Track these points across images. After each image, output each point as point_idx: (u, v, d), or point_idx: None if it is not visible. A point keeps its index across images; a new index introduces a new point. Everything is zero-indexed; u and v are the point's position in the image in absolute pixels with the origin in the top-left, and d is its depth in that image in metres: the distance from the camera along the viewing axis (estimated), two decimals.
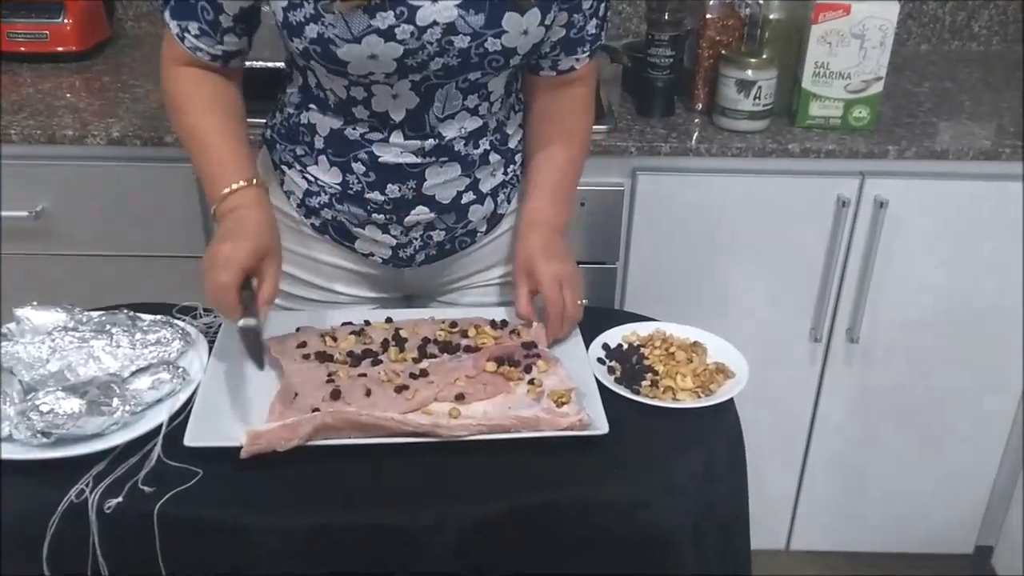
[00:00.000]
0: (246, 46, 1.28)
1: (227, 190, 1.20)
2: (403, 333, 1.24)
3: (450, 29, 1.14)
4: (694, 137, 1.77)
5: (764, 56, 1.74)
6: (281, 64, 1.33)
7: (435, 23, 1.13)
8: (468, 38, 1.15)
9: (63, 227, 1.79)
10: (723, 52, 1.78)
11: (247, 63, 1.75)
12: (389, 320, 1.29)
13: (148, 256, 1.82)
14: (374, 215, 1.29)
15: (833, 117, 1.78)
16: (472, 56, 1.17)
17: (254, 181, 1.22)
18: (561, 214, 1.34)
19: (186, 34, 1.22)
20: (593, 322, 1.29)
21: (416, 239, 1.32)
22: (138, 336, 1.16)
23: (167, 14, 1.23)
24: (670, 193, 1.77)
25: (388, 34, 1.12)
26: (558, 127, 1.34)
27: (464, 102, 1.24)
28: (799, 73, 1.77)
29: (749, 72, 1.73)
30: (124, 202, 1.77)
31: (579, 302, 1.26)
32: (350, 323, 1.27)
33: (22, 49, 2.04)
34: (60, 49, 2.06)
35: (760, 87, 1.73)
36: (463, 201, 1.31)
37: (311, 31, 1.13)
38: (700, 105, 1.87)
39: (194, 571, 1.00)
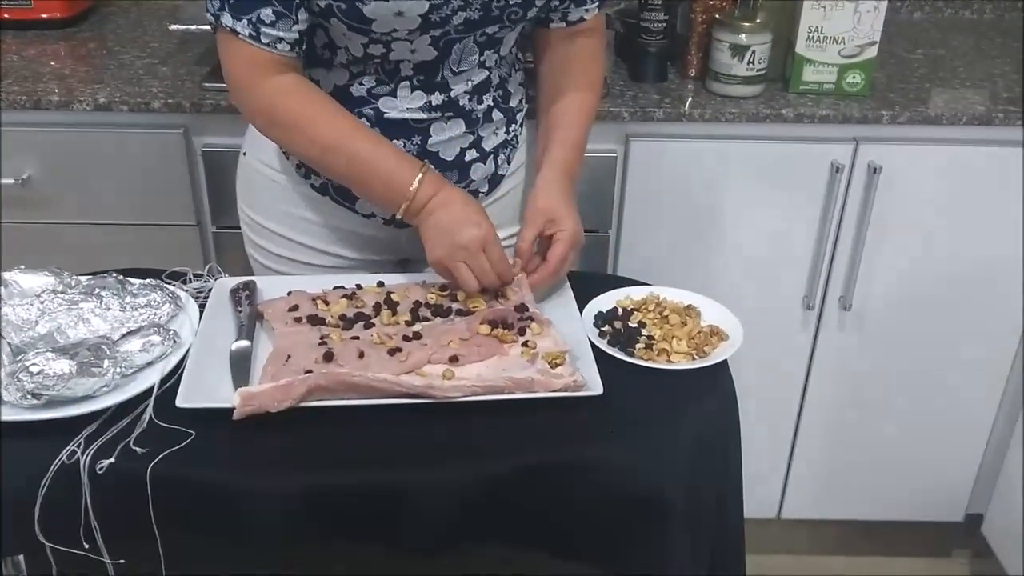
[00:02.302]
0: (307, 25, 1.19)
1: (413, 186, 1.18)
2: (395, 297, 1.24)
3: None
4: (687, 103, 1.75)
5: (758, 20, 1.72)
6: None
7: None
8: None
9: (49, 194, 1.77)
10: (717, 16, 1.77)
11: None
12: (381, 284, 1.28)
13: (135, 224, 1.80)
14: None
15: (827, 82, 1.77)
16: (493, 9, 1.18)
17: (423, 165, 1.20)
18: (578, 163, 1.33)
19: (261, 28, 1.13)
20: (586, 287, 1.28)
21: None
22: (128, 299, 1.15)
23: (227, 19, 1.14)
24: (663, 159, 1.76)
25: None
26: (572, 78, 1.33)
27: (480, 56, 1.24)
28: (793, 38, 1.75)
29: (743, 36, 1.72)
30: (111, 169, 1.75)
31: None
32: (342, 287, 1.26)
33: (6, 16, 2.00)
34: (44, 16, 2.03)
35: (754, 52, 1.72)
36: (466, 159, 1.31)
37: None
38: (694, 71, 1.85)
39: (187, 531, 0.99)
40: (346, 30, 1.16)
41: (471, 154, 1.31)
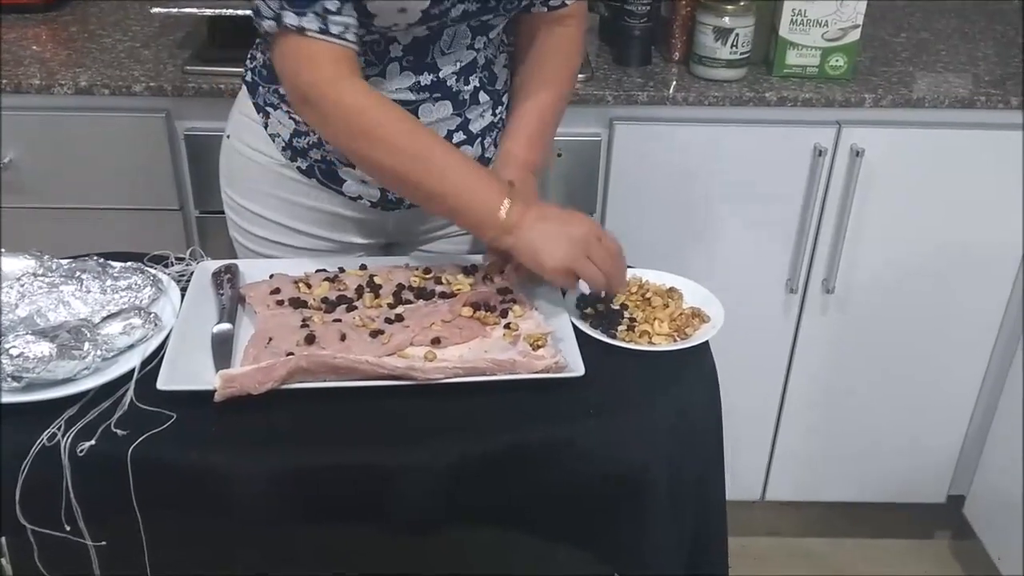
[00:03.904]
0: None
1: (507, 204, 1.14)
2: (377, 280, 1.23)
3: None
4: (671, 86, 1.75)
5: (742, 3, 1.72)
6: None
7: None
8: None
9: (31, 178, 1.76)
10: None
11: (218, 10, 1.74)
12: (363, 267, 1.28)
13: (118, 208, 1.79)
14: None
15: (810, 66, 1.77)
16: (491, 1, 1.19)
17: (507, 187, 1.18)
18: (536, 155, 1.33)
19: (328, 17, 1.08)
20: None
21: None
22: (108, 282, 1.15)
23: (290, 17, 1.07)
24: (647, 143, 1.76)
25: None
26: (543, 69, 1.34)
27: (471, 40, 1.24)
28: (776, 21, 1.76)
29: (727, 19, 1.72)
30: (93, 153, 1.74)
31: None
32: (324, 270, 1.26)
33: None
34: None
35: (738, 35, 1.72)
36: (454, 141, 1.30)
37: None
38: (678, 54, 1.85)
39: (168, 514, 1.00)
40: None
41: (458, 136, 1.31)
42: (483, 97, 1.32)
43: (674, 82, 1.78)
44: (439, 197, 1.16)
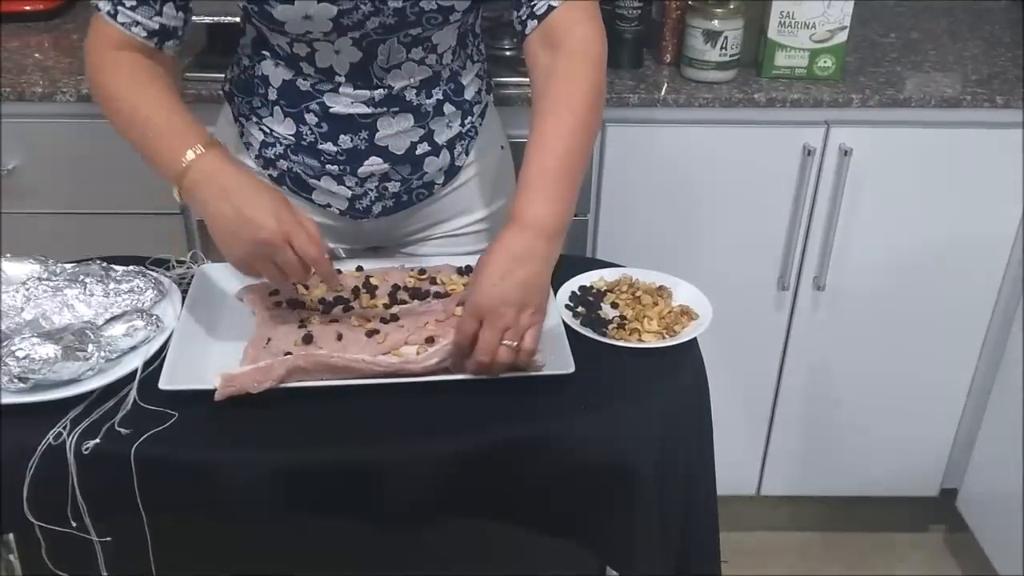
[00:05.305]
0: (182, 24, 1.21)
1: (192, 154, 1.10)
2: (373, 280, 1.27)
3: None
4: (662, 88, 1.78)
5: (731, 6, 1.75)
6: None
7: None
8: None
9: (34, 184, 1.79)
10: (690, 3, 1.79)
11: (216, 17, 1.76)
12: (360, 268, 1.31)
13: (120, 213, 1.82)
14: (328, 166, 1.30)
15: (799, 67, 1.80)
16: (408, 15, 1.18)
17: (212, 144, 1.15)
18: (551, 212, 1.10)
19: (120, 7, 1.16)
20: (561, 269, 1.29)
21: (372, 190, 1.33)
22: (111, 285, 1.18)
23: (99, 2, 1.17)
24: (639, 144, 1.79)
25: None
26: (550, 103, 1.16)
27: (409, 55, 1.24)
28: (765, 23, 1.78)
29: (716, 22, 1.74)
30: (94, 159, 1.77)
31: (504, 343, 1.05)
32: None
33: None
34: (28, 8, 2.04)
35: (727, 37, 1.74)
36: (418, 152, 1.31)
37: None
38: (668, 57, 1.88)
39: (171, 510, 1.02)
40: (267, 30, 1.20)
41: (423, 148, 1.31)
42: (448, 108, 1.31)
43: (665, 84, 1.80)
44: (144, 145, 1.16)
